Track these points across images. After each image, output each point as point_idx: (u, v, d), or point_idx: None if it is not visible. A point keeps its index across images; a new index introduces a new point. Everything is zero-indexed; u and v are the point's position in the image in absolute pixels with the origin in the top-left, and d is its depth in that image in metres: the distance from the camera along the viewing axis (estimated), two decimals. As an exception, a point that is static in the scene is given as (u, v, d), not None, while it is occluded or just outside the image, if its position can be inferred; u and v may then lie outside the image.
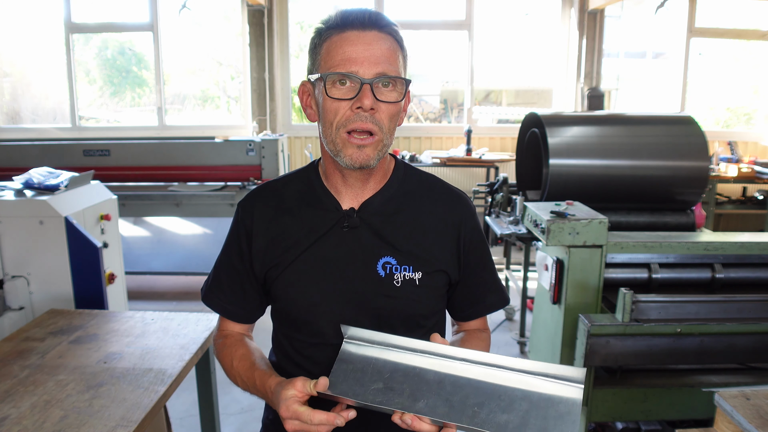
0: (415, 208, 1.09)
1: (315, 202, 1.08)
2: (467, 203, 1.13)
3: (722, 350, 2.24)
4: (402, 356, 0.93)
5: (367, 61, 0.95)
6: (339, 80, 0.96)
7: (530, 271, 3.98)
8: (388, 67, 0.96)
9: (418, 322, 1.07)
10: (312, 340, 1.07)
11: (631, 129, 3.15)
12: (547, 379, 0.88)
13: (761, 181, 5.10)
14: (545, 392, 0.87)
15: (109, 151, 4.55)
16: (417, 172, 1.15)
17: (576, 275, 2.39)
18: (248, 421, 2.86)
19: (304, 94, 1.05)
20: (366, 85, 0.94)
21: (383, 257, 1.04)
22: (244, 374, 1.05)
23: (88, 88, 6.61)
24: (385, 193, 1.08)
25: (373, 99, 0.95)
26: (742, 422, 1.41)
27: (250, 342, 1.14)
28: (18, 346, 1.83)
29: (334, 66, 0.96)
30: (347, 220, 1.05)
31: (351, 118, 0.96)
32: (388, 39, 0.98)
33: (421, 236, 1.07)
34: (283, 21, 5.88)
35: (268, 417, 1.19)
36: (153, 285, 4.95)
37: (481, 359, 0.91)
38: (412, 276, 1.04)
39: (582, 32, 5.77)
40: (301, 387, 0.90)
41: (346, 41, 0.96)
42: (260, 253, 1.08)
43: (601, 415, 2.41)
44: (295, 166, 5.82)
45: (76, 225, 2.48)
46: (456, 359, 0.92)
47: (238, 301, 1.13)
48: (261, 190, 1.14)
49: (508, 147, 5.90)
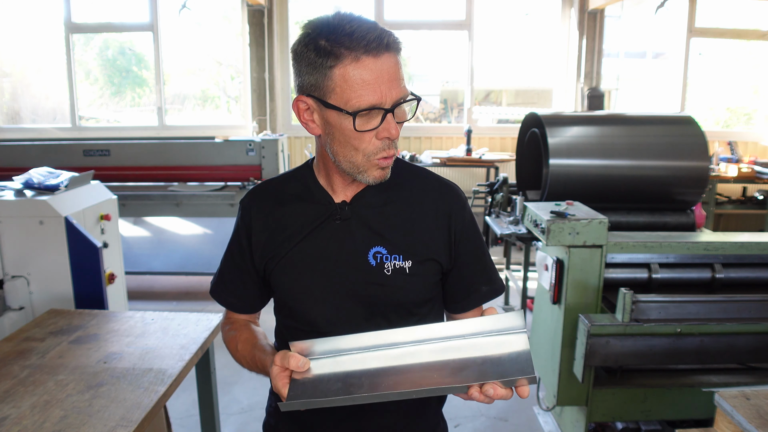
0: (405, 199, 1.11)
1: (309, 197, 1.12)
2: (458, 193, 1.15)
3: (722, 350, 2.24)
4: (352, 358, 0.96)
5: (388, 90, 0.95)
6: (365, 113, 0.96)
7: (530, 271, 3.98)
8: (404, 89, 0.97)
9: (410, 310, 1.10)
10: (306, 328, 1.10)
11: (631, 129, 3.15)
12: (492, 335, 0.94)
13: (761, 181, 5.10)
14: (494, 350, 0.92)
15: (109, 151, 4.55)
16: (407, 165, 1.17)
17: (576, 275, 2.39)
18: (248, 421, 2.86)
19: (301, 110, 1.01)
20: (390, 114, 0.96)
21: (374, 247, 1.07)
22: (248, 355, 1.11)
23: (88, 88, 6.61)
24: (377, 186, 1.09)
25: (396, 125, 0.98)
26: (742, 422, 1.41)
27: (254, 326, 1.20)
28: (18, 346, 1.83)
29: (355, 98, 0.94)
30: (339, 213, 1.09)
31: (379, 146, 0.99)
32: (395, 57, 0.97)
33: (411, 226, 1.09)
34: (283, 21, 5.88)
35: (272, 405, 1.24)
36: (153, 285, 4.95)
37: (426, 335, 0.95)
38: (402, 265, 1.07)
39: (582, 32, 5.77)
40: (279, 361, 0.95)
41: (364, 69, 0.93)
42: (259, 247, 1.12)
43: (601, 415, 2.41)
44: (295, 166, 5.83)
45: (76, 225, 2.48)
46: (406, 344, 0.95)
47: (241, 294, 1.19)
48: (259, 188, 1.19)
49: (508, 147, 5.90)
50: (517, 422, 2.88)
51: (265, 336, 1.16)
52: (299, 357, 0.94)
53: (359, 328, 1.00)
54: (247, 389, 3.14)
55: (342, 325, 1.06)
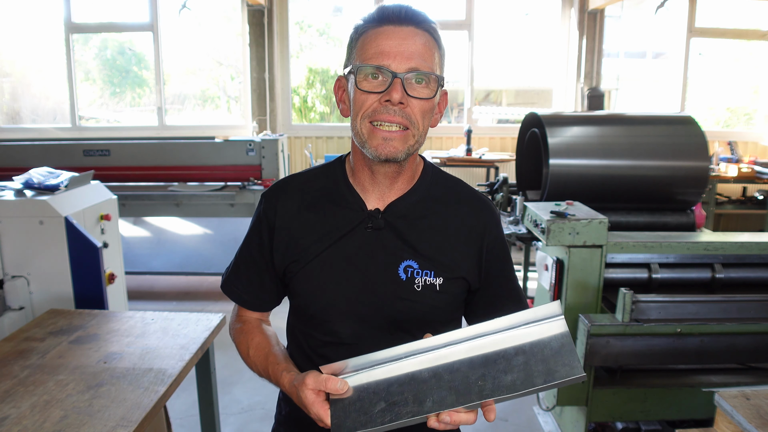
0: (440, 213, 1.07)
1: (340, 200, 1.07)
2: (492, 210, 1.12)
3: (722, 350, 2.24)
4: (388, 369, 0.91)
5: (401, 55, 0.94)
6: (371, 73, 0.96)
7: (530, 271, 3.99)
8: (422, 63, 0.95)
9: (435, 329, 1.03)
10: (327, 338, 1.06)
11: (631, 129, 3.15)
12: (529, 326, 0.88)
13: (761, 181, 5.10)
14: (533, 339, 0.87)
15: (109, 151, 4.55)
16: (444, 176, 1.14)
17: (576, 275, 2.39)
18: (248, 421, 2.86)
19: (339, 89, 1.05)
20: (397, 79, 0.94)
21: (405, 260, 1.03)
22: (260, 364, 1.07)
23: (88, 88, 6.61)
24: (412, 196, 1.07)
25: (403, 93, 0.94)
26: (742, 422, 1.41)
27: (266, 328, 1.15)
28: (18, 346, 1.83)
29: (367, 59, 0.96)
30: (372, 221, 1.04)
31: (378, 109, 0.96)
32: (424, 35, 0.97)
33: (444, 242, 1.05)
34: (283, 21, 5.88)
35: (281, 413, 1.19)
36: (153, 285, 4.95)
37: (461, 336, 0.90)
38: (432, 281, 1.03)
39: (582, 32, 5.77)
40: (313, 384, 0.90)
41: (381, 35, 0.96)
42: (281, 247, 1.07)
43: (601, 415, 2.41)
44: (294, 166, 5.84)
45: (76, 225, 2.48)
46: (439, 347, 0.91)
47: (255, 291, 1.14)
48: (286, 184, 1.13)
49: (508, 147, 5.90)
50: (517, 422, 2.88)
51: (277, 340, 1.12)
52: (337, 379, 0.89)
53: (382, 344, 0.92)
54: (247, 389, 3.14)
55: (365, 340, 1.01)
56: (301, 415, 0.97)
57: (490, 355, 0.87)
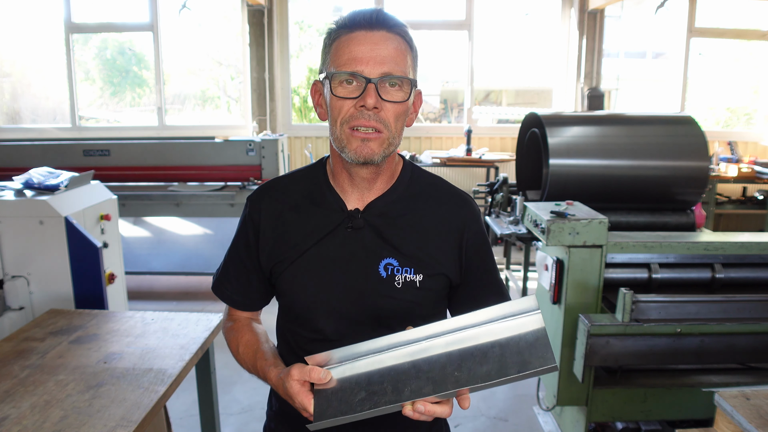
0: (419, 210, 1.10)
1: (321, 201, 1.10)
2: (472, 206, 1.14)
3: (722, 350, 2.24)
4: (370, 361, 0.95)
5: (373, 60, 0.96)
6: (346, 79, 0.98)
7: (530, 271, 3.99)
8: (395, 67, 0.97)
9: (417, 325, 1.07)
10: (312, 335, 1.09)
11: (631, 129, 3.15)
12: (507, 320, 0.91)
13: (761, 181, 5.10)
14: (510, 333, 0.90)
15: (109, 151, 4.55)
16: (424, 174, 1.15)
17: (576, 275, 2.39)
18: (248, 421, 2.86)
19: (315, 93, 1.08)
20: (371, 84, 0.96)
21: (385, 258, 1.06)
22: (249, 361, 1.11)
23: (88, 88, 6.61)
24: (391, 195, 1.09)
25: (377, 98, 0.96)
26: (742, 422, 1.41)
27: (256, 326, 1.19)
28: (18, 346, 1.83)
29: (341, 65, 0.97)
30: (351, 221, 1.07)
31: (355, 115, 0.98)
32: (396, 39, 0.99)
33: (423, 239, 1.08)
34: (283, 21, 5.88)
35: (272, 408, 1.22)
36: (153, 285, 4.95)
37: (441, 329, 0.94)
38: (413, 278, 1.06)
39: (582, 32, 5.77)
40: (297, 375, 0.94)
41: (353, 41, 0.98)
42: (267, 248, 1.11)
43: (601, 415, 2.41)
44: (295, 166, 5.83)
45: (76, 225, 2.48)
46: (419, 341, 0.94)
47: (244, 291, 1.18)
48: (270, 186, 1.16)
49: (508, 147, 5.90)
50: (517, 422, 2.88)
51: (267, 338, 1.15)
52: (320, 369, 0.93)
53: (365, 340, 0.97)
54: (247, 389, 3.14)
55: (349, 336, 1.04)
56: (290, 409, 1.01)
57: (467, 347, 0.91)
